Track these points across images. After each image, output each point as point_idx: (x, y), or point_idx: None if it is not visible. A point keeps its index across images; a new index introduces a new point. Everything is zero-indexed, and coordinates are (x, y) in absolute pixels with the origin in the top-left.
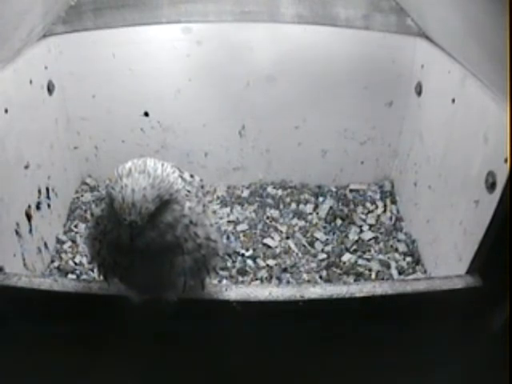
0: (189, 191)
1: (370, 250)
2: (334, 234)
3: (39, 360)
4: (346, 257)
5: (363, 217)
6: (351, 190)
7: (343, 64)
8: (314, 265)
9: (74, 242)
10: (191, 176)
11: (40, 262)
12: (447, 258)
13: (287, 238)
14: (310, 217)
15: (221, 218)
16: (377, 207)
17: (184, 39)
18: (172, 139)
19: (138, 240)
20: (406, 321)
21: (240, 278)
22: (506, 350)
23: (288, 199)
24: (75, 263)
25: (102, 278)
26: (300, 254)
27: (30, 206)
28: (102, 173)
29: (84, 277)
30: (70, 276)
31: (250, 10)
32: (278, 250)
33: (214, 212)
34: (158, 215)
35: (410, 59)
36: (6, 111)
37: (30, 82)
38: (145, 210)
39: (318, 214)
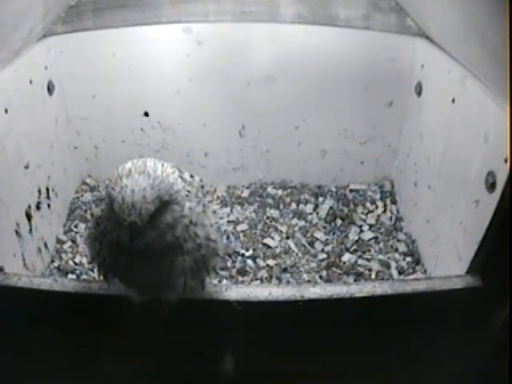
0: (189, 191)
1: (369, 250)
2: (334, 234)
3: (39, 360)
4: (346, 257)
5: (363, 217)
6: (351, 190)
7: (343, 64)
8: (314, 265)
9: (74, 241)
10: (191, 176)
11: (40, 262)
12: (447, 258)
13: (287, 237)
14: (309, 217)
15: (221, 218)
16: (377, 207)
17: (184, 39)
18: (172, 139)
19: (137, 240)
20: (406, 321)
21: (240, 278)
22: (506, 349)
23: (288, 199)
24: (75, 263)
25: (101, 278)
26: (300, 254)
27: (29, 206)
28: (101, 173)
29: (84, 277)
30: (70, 276)
31: (250, 10)
32: (277, 250)
33: (214, 212)
34: (157, 216)
35: (410, 59)
36: (6, 111)
37: (30, 82)
38: (145, 210)
39: (318, 213)
